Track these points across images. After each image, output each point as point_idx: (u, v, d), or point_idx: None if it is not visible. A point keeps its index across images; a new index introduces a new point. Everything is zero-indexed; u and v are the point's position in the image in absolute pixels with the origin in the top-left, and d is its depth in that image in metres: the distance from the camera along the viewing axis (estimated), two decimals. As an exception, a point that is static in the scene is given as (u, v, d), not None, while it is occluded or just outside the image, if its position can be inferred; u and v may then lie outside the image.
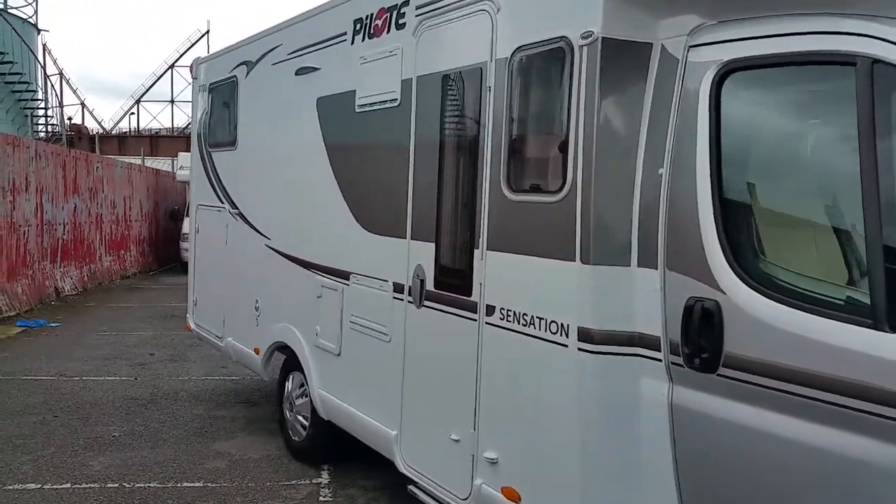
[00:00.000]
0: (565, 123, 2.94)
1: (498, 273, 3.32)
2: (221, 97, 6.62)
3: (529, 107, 3.23)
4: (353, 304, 4.48)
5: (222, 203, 6.54)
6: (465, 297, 3.51)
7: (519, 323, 3.19)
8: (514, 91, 3.21)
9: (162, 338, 9.81)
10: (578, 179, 2.87)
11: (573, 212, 2.89)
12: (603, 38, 2.80)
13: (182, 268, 17.57)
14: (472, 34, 3.48)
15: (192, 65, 7.29)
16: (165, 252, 19.10)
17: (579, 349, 2.88)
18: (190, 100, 7.58)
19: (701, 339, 2.60)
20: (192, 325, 7.24)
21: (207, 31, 44.15)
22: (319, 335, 4.86)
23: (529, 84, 3.21)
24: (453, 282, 3.61)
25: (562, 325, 2.96)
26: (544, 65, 3.10)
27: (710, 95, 2.67)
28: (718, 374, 2.57)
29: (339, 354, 4.65)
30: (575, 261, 2.88)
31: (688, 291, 2.66)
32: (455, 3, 3.58)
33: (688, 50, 2.78)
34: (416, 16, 3.88)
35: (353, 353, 4.51)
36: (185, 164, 18.39)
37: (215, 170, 6.73)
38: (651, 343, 2.81)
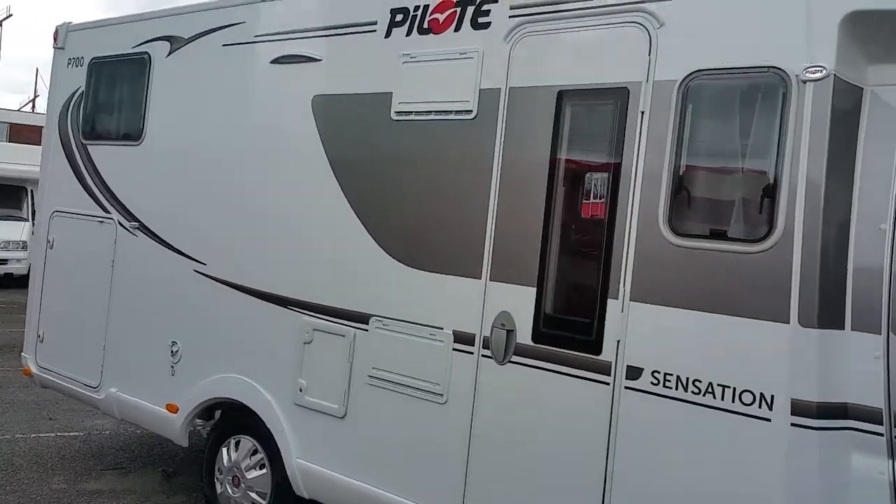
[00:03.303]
0: (775, 164, 2.77)
1: (648, 330, 3.02)
2: (115, 76, 5.51)
3: (711, 140, 3.01)
4: (376, 355, 3.86)
5: (106, 212, 5.40)
6: (590, 356, 3.15)
7: (685, 390, 2.92)
8: (685, 120, 2.97)
9: (-67, 381, 7.88)
10: (797, 229, 2.70)
11: (787, 265, 2.71)
12: (835, 76, 2.69)
13: None
14: (614, 49, 3.19)
15: (57, 30, 6.00)
16: None
17: (792, 424, 2.69)
18: None
19: (948, 415, 2.55)
20: (34, 369, 5.85)
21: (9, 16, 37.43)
22: (306, 392, 4.12)
23: (712, 114, 2.99)
24: (569, 336, 3.23)
25: (761, 395, 2.75)
26: (737, 95, 2.91)
27: (945, 151, 2.67)
28: (966, 453, 2.53)
29: (343, 417, 3.97)
30: (789, 322, 2.70)
31: (925, 361, 2.61)
32: (583, 9, 3.27)
33: (909, 100, 2.77)
34: (511, 17, 3.48)
35: (371, 416, 3.87)
36: None
37: (94, 168, 5.56)
38: (865, 415, 2.70)
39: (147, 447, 6.24)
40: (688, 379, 2.92)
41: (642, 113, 3.07)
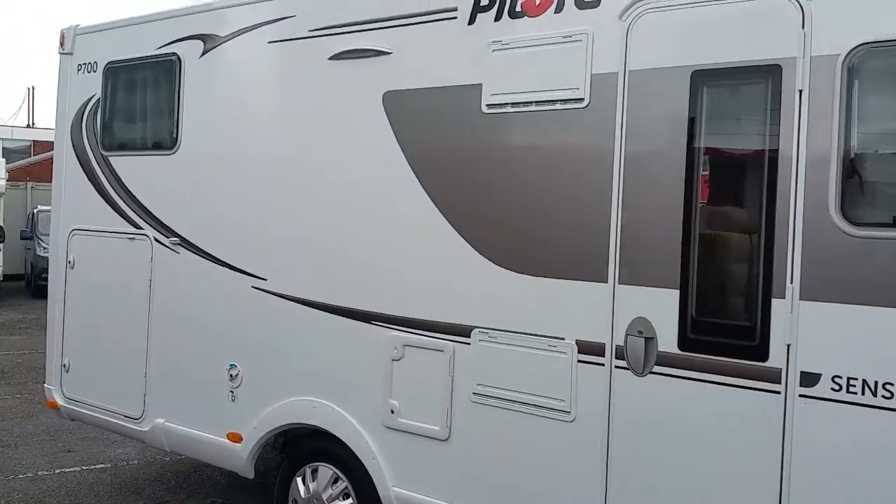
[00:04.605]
0: (974, 143, 2.42)
1: (824, 331, 2.64)
2: (137, 81, 4.92)
3: (886, 119, 2.63)
4: (482, 370, 3.41)
5: (138, 228, 4.83)
6: (753, 363, 2.76)
7: (874, 395, 2.55)
8: (852, 98, 2.60)
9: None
10: None
11: None
12: None
13: None
14: (759, 23, 2.79)
15: (63, 34, 5.36)
16: None
17: None
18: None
19: None
20: (61, 402, 5.23)
21: None
22: (399, 413, 3.66)
23: (886, 91, 2.61)
24: (726, 342, 2.84)
25: (974, 396, 2.41)
26: (918, 68, 2.55)
27: None
28: None
29: (447, 439, 3.52)
30: None
31: None
32: (717, -19, 2.87)
33: None
34: (627, -7, 3.07)
35: (480, 437, 3.42)
36: None
37: (119, 181, 4.97)
38: None
39: (182, 476, 5.69)
40: (876, 383, 2.55)
41: (800, 91, 2.68)
